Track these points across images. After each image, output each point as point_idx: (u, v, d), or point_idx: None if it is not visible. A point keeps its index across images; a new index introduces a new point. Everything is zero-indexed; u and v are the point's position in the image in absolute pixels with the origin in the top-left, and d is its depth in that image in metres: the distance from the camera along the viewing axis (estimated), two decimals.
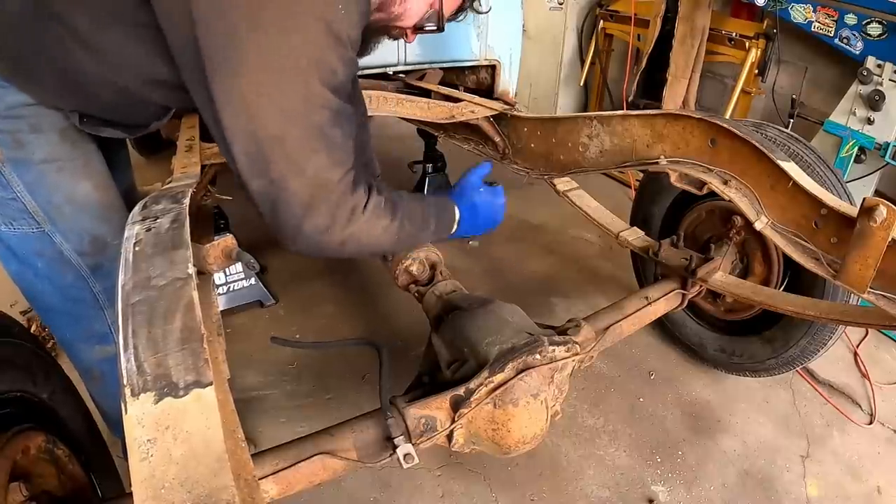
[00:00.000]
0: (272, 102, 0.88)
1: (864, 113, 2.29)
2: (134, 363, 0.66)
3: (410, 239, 1.18)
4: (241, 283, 2.37)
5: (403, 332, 2.27)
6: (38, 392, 1.10)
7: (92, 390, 1.42)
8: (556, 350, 1.20)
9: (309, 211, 0.96)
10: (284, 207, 0.95)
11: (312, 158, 0.93)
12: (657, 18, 3.08)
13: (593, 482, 1.72)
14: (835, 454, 1.84)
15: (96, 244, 1.21)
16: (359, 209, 1.02)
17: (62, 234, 1.17)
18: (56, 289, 1.23)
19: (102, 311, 1.28)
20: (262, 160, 0.91)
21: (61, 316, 1.29)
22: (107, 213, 1.23)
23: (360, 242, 1.05)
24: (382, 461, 1.10)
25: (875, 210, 1.02)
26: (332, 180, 0.97)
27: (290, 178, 0.93)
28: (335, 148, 0.96)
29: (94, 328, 1.30)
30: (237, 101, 0.88)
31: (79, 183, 1.17)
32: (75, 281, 1.22)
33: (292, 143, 0.91)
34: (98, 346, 1.32)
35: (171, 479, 0.57)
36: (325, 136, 0.94)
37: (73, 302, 1.25)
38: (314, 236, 0.99)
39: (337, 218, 0.99)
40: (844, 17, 2.30)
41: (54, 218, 1.15)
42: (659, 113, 1.42)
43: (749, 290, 1.63)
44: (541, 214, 3.16)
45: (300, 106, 0.90)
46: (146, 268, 0.79)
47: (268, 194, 0.95)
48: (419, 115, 1.99)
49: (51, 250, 1.18)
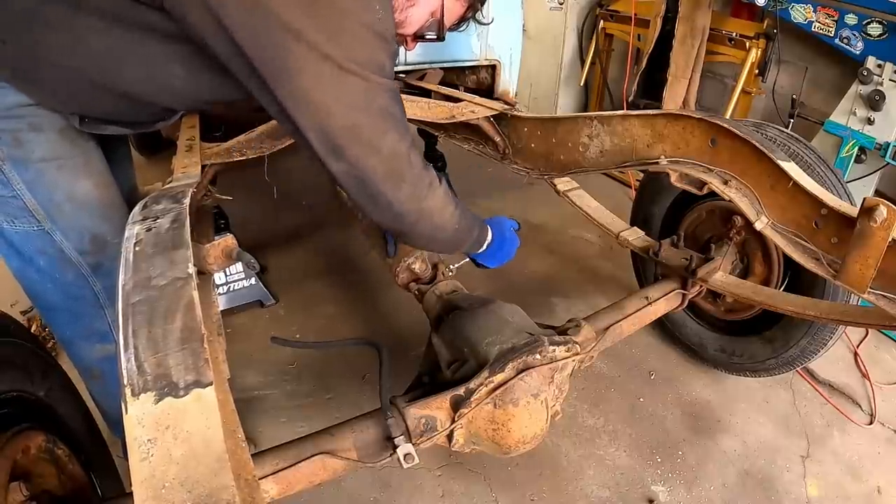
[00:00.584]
0: (337, 99, 0.95)
1: (865, 113, 2.29)
2: (134, 363, 0.66)
3: (461, 235, 1.26)
4: (242, 283, 2.37)
5: (403, 332, 2.27)
6: (37, 392, 1.10)
7: (92, 389, 1.42)
8: (556, 350, 1.20)
9: (391, 182, 1.04)
10: (369, 183, 1.03)
11: (384, 138, 1.01)
12: (657, 18, 3.08)
13: (593, 482, 1.72)
14: (835, 454, 1.84)
15: (96, 243, 1.22)
16: (435, 182, 1.12)
17: (62, 233, 1.17)
18: (57, 287, 1.23)
19: (103, 310, 1.28)
20: (337, 148, 0.99)
21: (62, 314, 1.30)
22: (107, 211, 1.23)
23: (433, 219, 1.14)
24: (382, 461, 1.10)
25: (875, 210, 1.02)
26: (404, 152, 1.04)
27: (365, 158, 1.00)
28: (399, 123, 1.04)
29: (94, 326, 1.30)
30: (303, 102, 0.94)
31: (79, 181, 1.17)
32: (76, 279, 1.23)
33: (364, 129, 0.99)
34: (98, 344, 1.33)
35: (171, 479, 0.57)
36: (391, 115, 1.02)
37: (73, 300, 1.25)
38: (399, 206, 1.07)
39: (418, 188, 1.09)
40: (845, 17, 2.30)
41: (54, 216, 1.15)
42: (659, 113, 1.42)
43: (749, 290, 1.63)
44: (541, 214, 3.16)
45: (363, 97, 0.97)
46: (146, 268, 0.79)
47: (351, 174, 1.02)
48: (419, 115, 1.98)
49: (52, 248, 1.18)
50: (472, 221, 1.31)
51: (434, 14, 1.15)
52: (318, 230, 2.96)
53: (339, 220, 2.89)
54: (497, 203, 3.31)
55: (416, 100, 1.97)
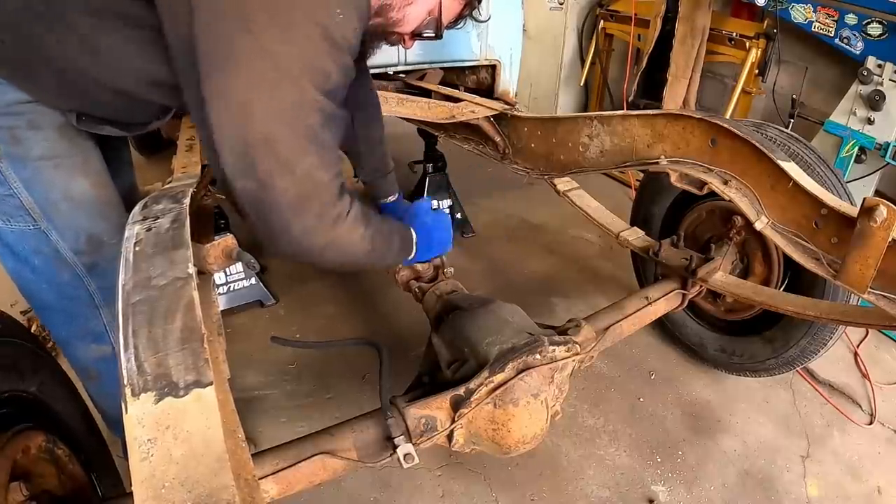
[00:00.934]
0: (264, 103, 0.88)
1: (865, 113, 2.29)
2: (134, 363, 0.66)
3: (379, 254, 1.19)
4: (242, 283, 2.37)
5: (403, 332, 2.27)
6: (37, 392, 1.10)
7: (89, 390, 1.42)
8: (556, 350, 1.20)
9: (297, 211, 0.96)
10: (272, 208, 0.95)
11: (303, 159, 0.93)
12: (657, 18, 3.08)
13: (593, 482, 1.72)
14: (835, 454, 1.84)
15: (92, 242, 1.21)
16: (343, 213, 1.03)
17: (58, 232, 1.17)
18: (52, 287, 1.23)
19: (98, 310, 1.28)
20: (249, 160, 0.91)
21: (57, 314, 1.29)
22: (104, 211, 1.23)
23: (340, 249, 1.06)
24: (382, 461, 1.10)
25: (875, 210, 1.02)
26: (323, 181, 0.97)
27: (277, 177, 0.92)
28: (326, 150, 0.97)
29: (89, 327, 1.29)
30: (228, 100, 0.88)
31: (76, 180, 1.17)
32: (71, 279, 1.22)
33: (283, 143, 0.91)
34: (94, 344, 1.32)
35: (171, 479, 0.57)
36: (317, 137, 0.94)
37: (68, 300, 1.25)
38: (300, 237, 0.99)
39: (323, 219, 1.00)
40: (845, 17, 2.30)
41: (51, 215, 1.15)
42: (659, 113, 1.42)
43: (749, 290, 1.63)
44: (541, 214, 3.16)
45: (292, 108, 0.90)
46: (146, 267, 0.79)
47: (254, 195, 0.94)
48: (419, 115, 1.99)
49: (47, 248, 1.18)
50: (390, 236, 1.24)
51: (432, 12, 1.13)
52: None
53: None
54: (497, 203, 3.31)
55: (416, 100, 1.97)
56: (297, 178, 0.93)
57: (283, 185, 0.93)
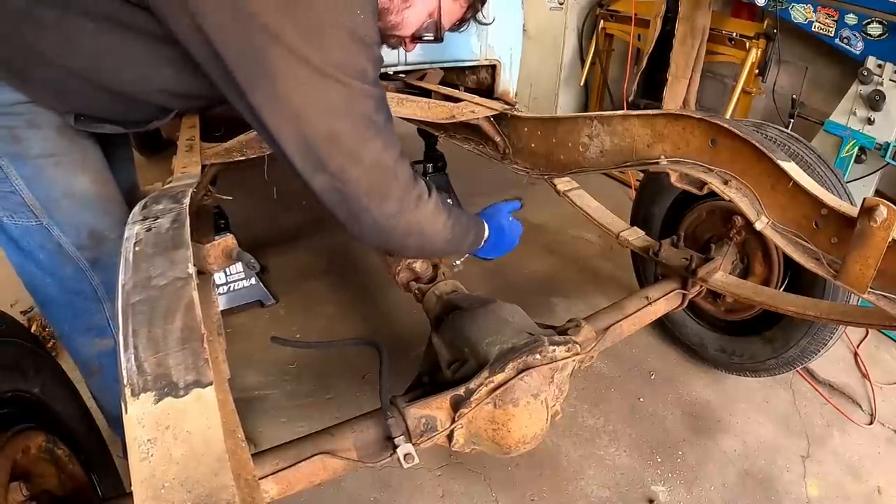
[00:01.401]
0: (315, 105, 0.91)
1: (865, 113, 2.29)
2: (134, 363, 0.66)
3: (456, 242, 1.22)
4: (242, 283, 2.37)
5: (403, 332, 2.27)
6: (37, 392, 1.10)
7: (91, 386, 1.42)
8: (556, 350, 1.20)
9: (377, 196, 1.00)
10: (352, 199, 0.99)
11: (367, 146, 0.96)
12: (657, 18, 3.08)
13: (593, 482, 1.72)
14: (835, 454, 1.84)
15: (94, 237, 1.22)
16: (424, 195, 1.07)
17: (60, 228, 1.19)
18: (56, 281, 1.24)
19: (101, 304, 1.30)
20: (318, 158, 0.94)
21: (61, 308, 1.30)
22: (105, 206, 1.24)
23: (423, 234, 1.10)
24: (382, 461, 1.10)
25: (875, 210, 1.02)
26: (390, 163, 1.00)
27: (348, 168, 0.96)
28: (385, 132, 0.99)
29: (93, 321, 1.31)
30: (280, 108, 0.90)
31: (76, 177, 1.18)
32: (74, 273, 1.24)
33: (345, 136, 0.94)
34: (97, 338, 1.34)
35: (171, 479, 0.57)
36: (374, 122, 0.97)
37: (72, 294, 1.26)
38: (385, 222, 1.03)
39: (405, 202, 1.03)
40: (845, 17, 2.30)
41: (52, 212, 1.17)
42: (659, 113, 1.42)
43: (749, 290, 1.63)
44: (541, 214, 3.16)
45: (344, 102, 0.93)
46: (146, 267, 0.79)
47: (332, 190, 0.98)
48: (419, 115, 1.98)
49: (50, 243, 1.19)
50: (468, 226, 1.27)
51: (432, 15, 1.13)
52: (318, 230, 2.96)
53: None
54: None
55: (416, 100, 1.97)
56: (368, 166, 0.97)
57: (357, 174, 0.97)
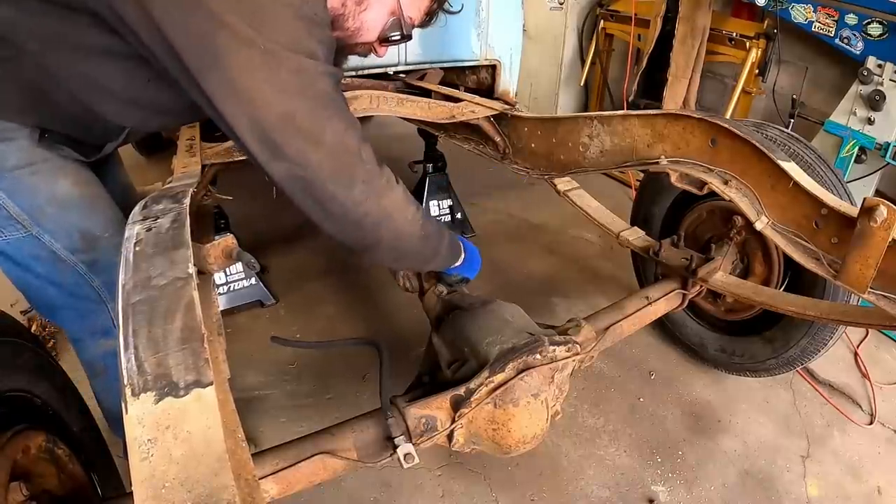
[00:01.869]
0: (266, 85, 0.86)
1: (865, 113, 2.29)
2: (134, 363, 0.66)
3: (432, 245, 1.17)
4: (242, 283, 2.37)
5: (403, 332, 2.27)
6: (37, 391, 1.10)
7: (95, 387, 1.42)
8: (556, 350, 1.20)
9: (341, 180, 0.94)
10: (315, 185, 0.93)
11: (327, 126, 0.91)
12: (657, 18, 3.08)
13: (593, 482, 1.72)
14: (835, 454, 1.84)
15: (86, 239, 1.21)
16: (393, 180, 1.01)
17: (51, 235, 1.17)
18: (58, 288, 1.23)
19: (105, 305, 1.29)
20: (274, 143, 0.89)
21: (67, 312, 1.30)
22: (91, 206, 1.22)
23: (395, 224, 1.03)
24: (383, 461, 1.10)
25: (875, 210, 1.02)
26: (353, 144, 0.94)
27: (308, 152, 0.90)
28: (345, 111, 0.94)
29: (98, 322, 1.30)
30: (231, 93, 0.86)
31: (57, 182, 1.16)
32: (74, 279, 1.23)
33: (301, 117, 0.89)
34: (102, 339, 1.33)
35: (171, 479, 0.57)
36: (333, 101, 0.92)
37: (76, 299, 1.26)
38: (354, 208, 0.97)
39: (372, 184, 0.97)
40: (845, 17, 2.30)
41: (39, 220, 1.15)
42: (659, 113, 1.42)
43: (749, 290, 1.63)
44: (541, 214, 3.16)
45: (295, 80, 0.88)
46: (147, 267, 0.79)
47: (293, 176, 0.92)
48: (419, 115, 1.98)
49: (44, 252, 1.18)
50: (440, 229, 1.20)
51: (394, 13, 1.08)
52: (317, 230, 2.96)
53: None
54: (497, 203, 3.31)
55: (416, 100, 1.97)
56: (329, 148, 0.92)
57: (318, 158, 0.91)
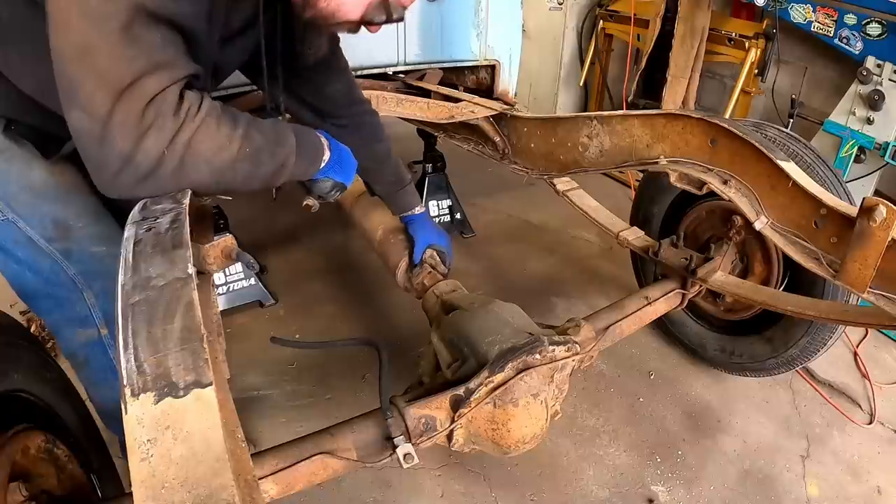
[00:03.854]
0: (73, 5, 0.78)
1: (864, 113, 2.29)
2: (134, 363, 0.66)
3: (265, 155, 1.00)
4: (241, 283, 2.37)
5: (403, 332, 2.27)
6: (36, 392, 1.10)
7: (81, 379, 1.40)
8: (556, 350, 1.20)
9: (133, 129, 0.82)
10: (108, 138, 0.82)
11: (127, 68, 0.80)
12: (657, 18, 3.09)
13: (593, 482, 1.72)
14: (835, 454, 1.84)
15: (59, 228, 1.20)
16: (193, 108, 0.88)
17: (25, 221, 1.17)
18: (36, 275, 1.23)
19: (81, 293, 1.27)
20: (71, 82, 0.79)
21: (44, 300, 1.29)
22: (65, 195, 1.21)
23: (201, 154, 0.90)
24: (382, 461, 1.10)
25: (875, 210, 1.02)
26: (152, 89, 0.82)
27: (102, 97, 0.80)
28: (151, 52, 0.82)
29: (75, 311, 1.29)
30: (49, 15, 0.79)
31: (32, 170, 1.16)
32: (51, 266, 1.22)
33: (99, 54, 0.78)
34: (80, 329, 1.31)
35: (171, 480, 0.57)
36: (136, 38, 0.80)
37: (53, 286, 1.25)
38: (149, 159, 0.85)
39: (165, 129, 0.84)
40: (844, 17, 2.30)
41: (14, 206, 1.15)
42: (659, 113, 1.42)
43: (749, 289, 1.63)
44: (541, 214, 3.16)
45: (101, 7, 0.78)
46: (146, 268, 0.79)
47: (86, 125, 0.81)
48: (419, 115, 1.99)
49: (22, 238, 1.18)
50: (279, 134, 1.04)
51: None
52: (317, 230, 2.96)
53: (339, 220, 2.89)
54: (497, 203, 3.31)
55: (416, 100, 1.97)
56: (127, 98, 0.81)
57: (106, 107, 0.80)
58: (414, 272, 1.60)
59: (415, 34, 2.07)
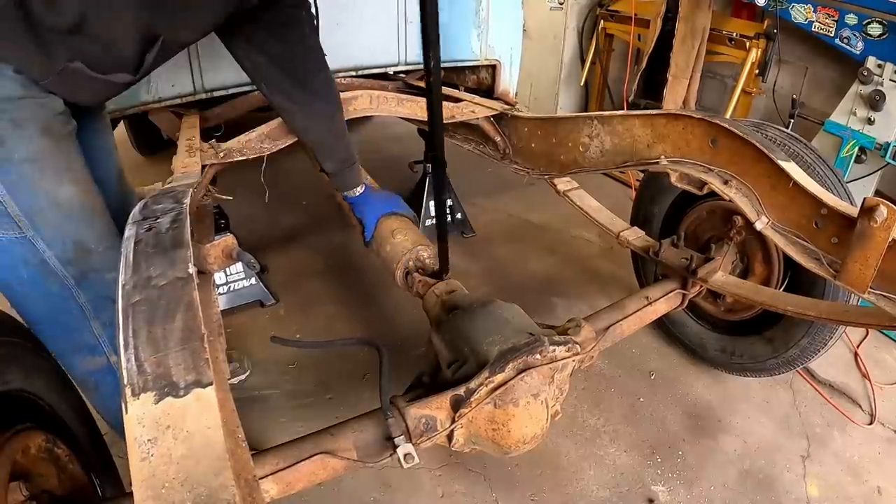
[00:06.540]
0: None
1: (865, 113, 2.29)
2: (134, 363, 0.66)
3: None
4: (242, 283, 2.37)
5: (403, 332, 2.27)
6: (37, 391, 1.10)
7: (90, 401, 1.36)
8: (556, 350, 1.20)
9: None
10: None
11: None
12: (658, 18, 3.09)
13: (593, 482, 1.72)
14: (835, 454, 1.84)
15: (79, 251, 1.17)
16: None
17: (45, 241, 1.12)
18: (42, 298, 1.18)
19: (89, 322, 1.24)
20: None
21: (50, 326, 1.23)
22: (90, 217, 1.18)
23: None
24: (382, 461, 1.10)
25: (875, 210, 1.02)
26: None
27: None
28: None
29: (83, 339, 1.26)
30: None
31: (62, 185, 1.12)
32: (60, 291, 1.18)
33: None
34: (89, 356, 1.28)
35: (171, 479, 0.57)
36: None
37: (59, 312, 1.21)
38: None
39: None
40: (845, 17, 2.30)
41: (37, 223, 1.10)
42: (659, 113, 1.42)
43: (749, 290, 1.63)
44: (541, 214, 3.16)
45: None
46: (147, 267, 0.79)
47: None
48: (419, 115, 1.99)
49: (35, 258, 1.13)
50: None
51: None
52: (317, 230, 2.96)
53: (339, 220, 2.89)
54: (497, 203, 3.31)
55: (416, 100, 1.97)
56: None
57: None
58: (408, 280, 1.61)
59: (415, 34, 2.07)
